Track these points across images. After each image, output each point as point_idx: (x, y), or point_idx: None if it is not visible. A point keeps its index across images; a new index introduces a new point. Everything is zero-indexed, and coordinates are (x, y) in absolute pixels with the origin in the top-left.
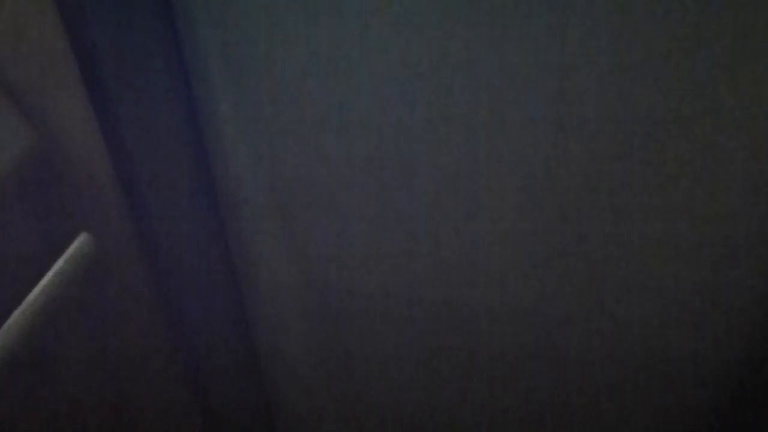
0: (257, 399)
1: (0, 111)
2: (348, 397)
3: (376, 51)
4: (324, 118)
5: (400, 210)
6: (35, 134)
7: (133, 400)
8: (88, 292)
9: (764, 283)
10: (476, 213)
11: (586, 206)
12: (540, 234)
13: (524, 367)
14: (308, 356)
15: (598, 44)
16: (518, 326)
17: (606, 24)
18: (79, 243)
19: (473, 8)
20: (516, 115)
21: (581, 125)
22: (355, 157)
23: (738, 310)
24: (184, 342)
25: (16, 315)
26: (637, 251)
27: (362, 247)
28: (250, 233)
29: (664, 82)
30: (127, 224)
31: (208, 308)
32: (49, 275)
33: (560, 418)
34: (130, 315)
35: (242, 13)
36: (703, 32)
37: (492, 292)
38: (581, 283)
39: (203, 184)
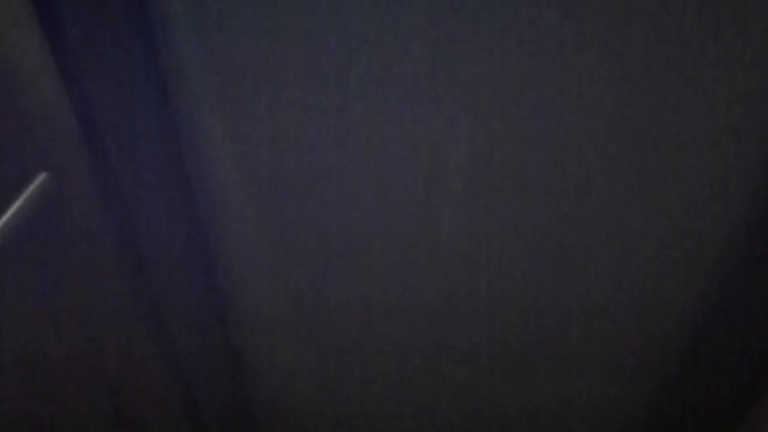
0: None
1: None
2: (330, 391)
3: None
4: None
5: (388, 204)
6: None
7: (95, 348)
8: (47, 233)
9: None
10: (470, 206)
11: (583, 206)
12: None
13: (496, 365)
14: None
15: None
16: (508, 322)
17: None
18: (38, 183)
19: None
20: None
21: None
22: (333, 142)
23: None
24: (149, 288)
25: None
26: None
27: (346, 239)
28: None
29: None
30: (87, 165)
31: (176, 257)
32: (7, 215)
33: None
34: (91, 258)
35: None
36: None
37: (481, 290)
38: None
39: (166, 125)
